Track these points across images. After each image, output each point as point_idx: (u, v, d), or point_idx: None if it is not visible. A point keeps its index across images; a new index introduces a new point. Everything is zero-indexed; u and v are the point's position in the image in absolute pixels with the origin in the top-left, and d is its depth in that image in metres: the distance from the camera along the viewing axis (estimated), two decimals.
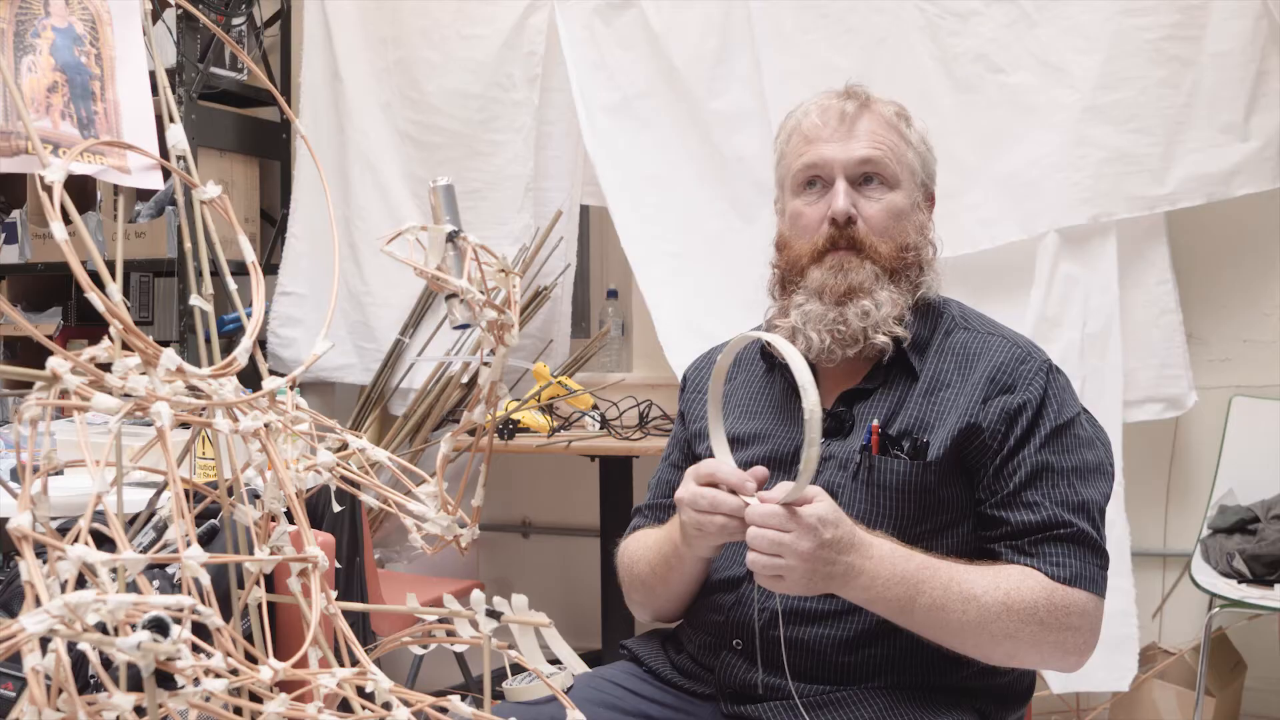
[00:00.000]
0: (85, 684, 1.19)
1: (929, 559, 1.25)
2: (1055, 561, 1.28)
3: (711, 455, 1.49)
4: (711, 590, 1.41)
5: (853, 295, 1.37)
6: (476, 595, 0.86)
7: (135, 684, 0.67)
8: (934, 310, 1.44)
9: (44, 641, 0.57)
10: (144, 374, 0.70)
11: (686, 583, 1.42)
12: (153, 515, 1.18)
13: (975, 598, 1.23)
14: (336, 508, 0.91)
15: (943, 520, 1.33)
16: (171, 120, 0.87)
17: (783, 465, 1.40)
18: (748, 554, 1.20)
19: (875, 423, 1.34)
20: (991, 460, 1.32)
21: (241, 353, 0.77)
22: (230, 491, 0.85)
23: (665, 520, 1.48)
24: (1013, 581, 1.25)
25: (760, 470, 1.26)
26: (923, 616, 1.24)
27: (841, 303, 1.37)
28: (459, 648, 0.88)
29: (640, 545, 1.48)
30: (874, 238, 1.39)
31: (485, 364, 0.90)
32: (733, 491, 1.23)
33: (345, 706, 0.72)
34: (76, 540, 0.63)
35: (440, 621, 0.87)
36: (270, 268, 3.56)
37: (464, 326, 0.92)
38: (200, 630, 0.61)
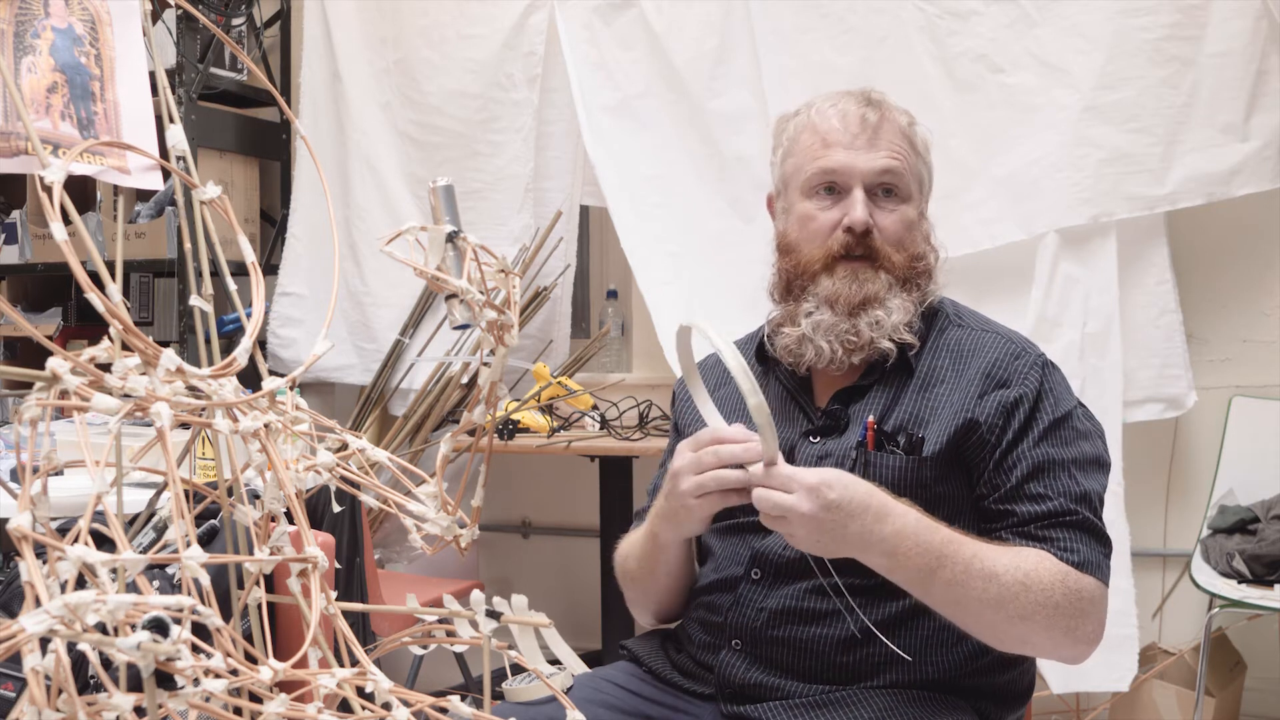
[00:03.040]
0: (85, 684, 1.19)
1: (955, 534, 1.24)
2: (1066, 547, 1.28)
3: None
4: (710, 590, 1.41)
5: (867, 306, 1.37)
6: (476, 595, 0.86)
7: (135, 684, 0.67)
8: (928, 308, 1.45)
9: (44, 641, 0.57)
10: (144, 374, 0.69)
11: (671, 573, 1.43)
12: (153, 515, 1.18)
13: (996, 575, 1.23)
14: (336, 508, 0.91)
15: (940, 515, 1.33)
16: (171, 120, 0.87)
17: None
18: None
19: (871, 419, 1.35)
20: (990, 455, 1.32)
21: (241, 353, 0.77)
22: (230, 491, 0.85)
23: None
24: (1031, 563, 1.25)
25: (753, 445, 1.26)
26: (941, 591, 1.23)
27: (855, 314, 1.37)
28: (459, 648, 0.88)
29: (629, 543, 1.50)
30: (889, 248, 1.39)
31: (485, 364, 0.90)
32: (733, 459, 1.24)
33: (345, 707, 0.72)
34: (76, 540, 0.63)
35: (440, 621, 0.87)
36: (270, 268, 3.56)
37: (464, 327, 0.92)
38: (200, 630, 0.61)
